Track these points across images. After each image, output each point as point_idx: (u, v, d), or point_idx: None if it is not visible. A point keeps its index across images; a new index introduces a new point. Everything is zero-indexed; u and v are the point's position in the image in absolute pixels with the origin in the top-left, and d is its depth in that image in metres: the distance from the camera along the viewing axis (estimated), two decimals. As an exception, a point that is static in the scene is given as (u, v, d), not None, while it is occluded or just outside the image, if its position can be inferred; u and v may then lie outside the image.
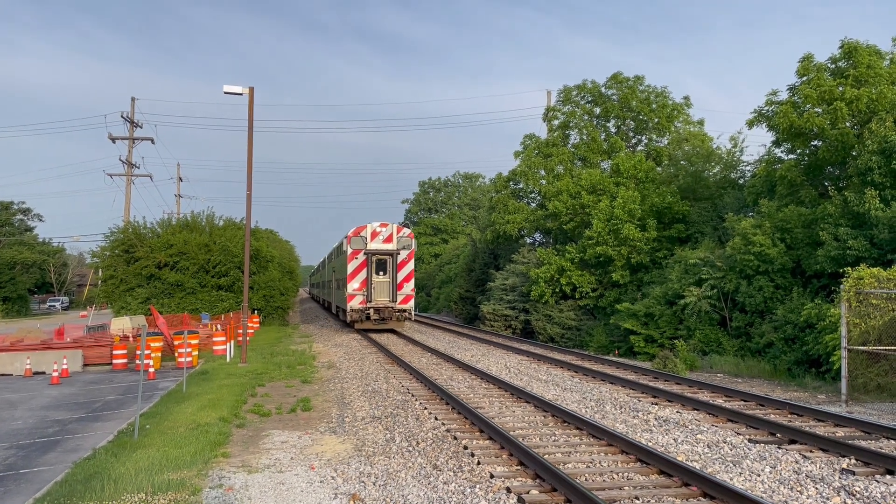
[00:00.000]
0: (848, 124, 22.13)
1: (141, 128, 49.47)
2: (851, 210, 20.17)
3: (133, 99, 48.83)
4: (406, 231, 32.61)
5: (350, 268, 31.43)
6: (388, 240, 31.81)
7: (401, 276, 31.68)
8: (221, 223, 41.99)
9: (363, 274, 31.38)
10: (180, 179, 65.68)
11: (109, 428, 12.67)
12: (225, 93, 22.15)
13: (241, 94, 22.36)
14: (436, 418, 13.22)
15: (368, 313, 31.25)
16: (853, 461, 9.88)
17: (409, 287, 31.96)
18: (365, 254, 31.33)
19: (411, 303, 32.16)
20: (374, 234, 31.72)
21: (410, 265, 32.16)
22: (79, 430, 12.62)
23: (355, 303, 31.36)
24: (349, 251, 31.53)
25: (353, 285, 31.31)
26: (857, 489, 8.63)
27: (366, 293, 31.24)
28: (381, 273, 31.59)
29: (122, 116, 48.40)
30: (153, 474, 9.08)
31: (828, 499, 8.36)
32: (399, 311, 31.63)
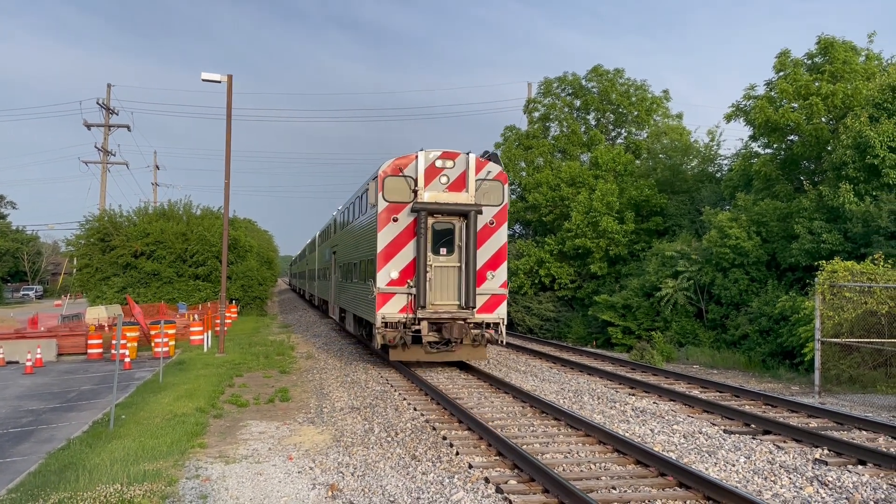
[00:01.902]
0: (823, 119, 22.38)
1: (117, 115, 48.85)
2: (826, 204, 20.44)
3: (109, 85, 48.15)
4: (493, 168, 17.77)
5: (382, 238, 17.00)
6: (459, 184, 17.24)
7: (484, 254, 17.25)
8: (199, 212, 41.60)
9: (408, 251, 16.98)
10: (157, 167, 64.96)
11: (84, 418, 12.54)
12: (203, 80, 21.87)
13: (219, 82, 22.09)
14: (415, 409, 13.23)
15: (418, 330, 16.81)
16: (826, 451, 10.04)
17: (499, 278, 17.41)
18: (413, 211, 16.85)
19: (503, 308, 17.40)
20: (433, 173, 17.18)
21: (502, 234, 17.60)
22: (53, 421, 12.47)
23: (391, 309, 16.87)
24: (380, 206, 17.12)
25: (388, 273, 16.90)
26: (830, 479, 8.77)
27: (412, 290, 16.80)
28: (443, 250, 17.10)
29: (97, 103, 47.73)
30: (129, 465, 9.00)
31: (801, 488, 8.49)
32: (479, 325, 17.10)
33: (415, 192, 17.10)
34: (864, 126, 19.53)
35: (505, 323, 17.41)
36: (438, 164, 17.25)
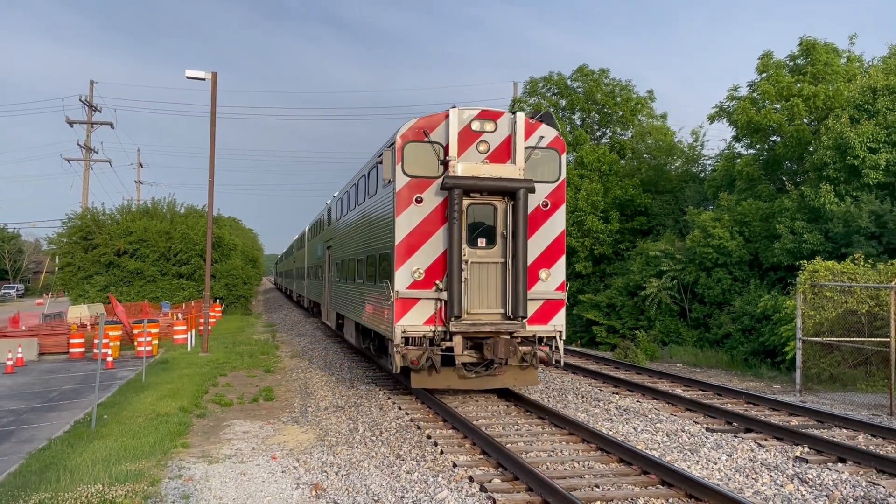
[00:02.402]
0: (805, 121, 22.62)
1: (100, 112, 48.49)
2: (807, 204, 20.65)
3: (92, 82, 47.73)
4: (548, 133, 13.45)
5: (402, 226, 12.72)
6: (503, 153, 12.96)
7: (536, 247, 13.21)
8: (183, 210, 41.36)
9: (436, 242, 12.75)
10: (140, 165, 64.42)
11: (66, 418, 12.43)
12: (187, 78, 21.74)
13: (203, 80, 21.97)
14: (399, 408, 13.23)
15: (450, 347, 12.57)
16: (806, 449, 10.15)
17: (556, 278, 13.66)
18: (443, 189, 12.63)
19: (560, 317, 13.52)
20: (468, 139, 12.86)
21: (559, 221, 13.51)
22: (34, 421, 12.35)
23: (414, 319, 12.58)
24: (399, 182, 12.76)
25: (410, 272, 12.65)
26: (810, 477, 8.87)
27: (442, 294, 12.58)
28: (482, 241, 12.93)
29: (80, 100, 47.34)
30: (111, 465, 8.94)
31: (782, 486, 8.58)
32: (529, 340, 13.09)
33: (445, 163, 12.73)
34: (844, 127, 19.75)
35: (563, 337, 13.44)
36: (476, 126, 12.88)
